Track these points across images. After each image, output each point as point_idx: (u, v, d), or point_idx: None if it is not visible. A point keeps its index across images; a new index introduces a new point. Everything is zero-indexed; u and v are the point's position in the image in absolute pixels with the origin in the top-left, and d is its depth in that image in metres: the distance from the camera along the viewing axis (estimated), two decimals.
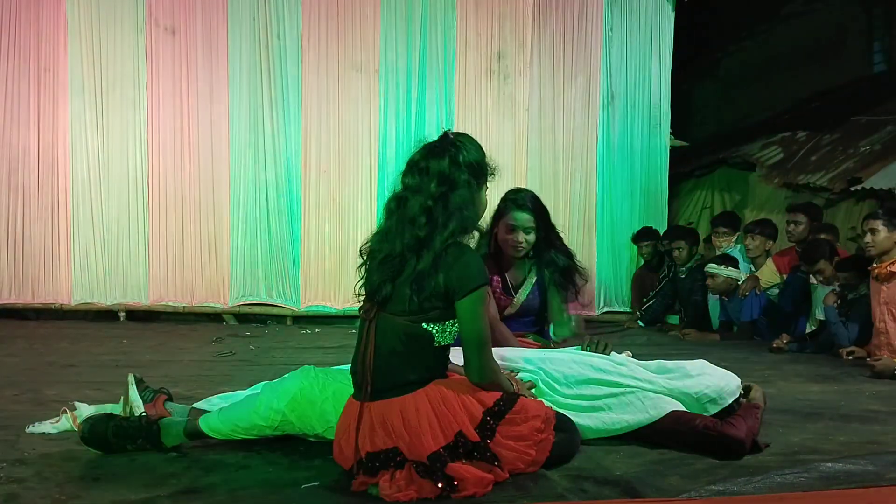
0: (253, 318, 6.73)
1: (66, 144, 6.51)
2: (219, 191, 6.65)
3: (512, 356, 2.82)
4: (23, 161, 6.47)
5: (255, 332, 6.04)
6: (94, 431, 2.43)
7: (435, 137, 2.37)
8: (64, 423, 2.73)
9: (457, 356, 2.36)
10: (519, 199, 3.37)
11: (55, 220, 6.52)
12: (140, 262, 6.57)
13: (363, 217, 6.69)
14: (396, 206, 2.28)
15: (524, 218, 3.33)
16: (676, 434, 2.54)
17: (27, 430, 2.71)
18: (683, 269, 6.14)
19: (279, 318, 6.73)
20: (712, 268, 5.65)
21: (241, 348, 5.10)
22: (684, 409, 2.64)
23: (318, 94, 6.67)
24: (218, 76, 6.59)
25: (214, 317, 6.70)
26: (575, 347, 3.07)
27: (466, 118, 6.73)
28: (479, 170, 2.33)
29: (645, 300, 6.47)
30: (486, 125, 6.76)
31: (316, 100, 6.67)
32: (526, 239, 3.34)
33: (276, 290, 6.73)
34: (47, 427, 2.73)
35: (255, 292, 6.73)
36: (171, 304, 6.62)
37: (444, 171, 2.25)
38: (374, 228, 2.41)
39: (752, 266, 5.89)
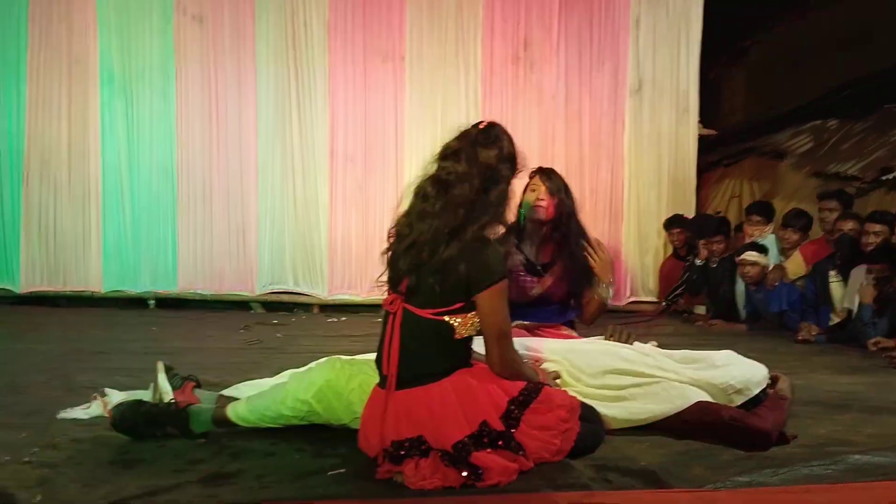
0: (280, 307, 6.79)
1: (96, 134, 6.60)
2: (247, 180, 6.70)
3: (536, 346, 2.82)
4: (55, 151, 6.58)
5: (282, 321, 6.09)
6: (125, 417, 2.47)
7: (462, 126, 2.36)
8: (95, 408, 2.77)
9: (480, 345, 2.37)
10: (545, 168, 3.39)
11: (86, 209, 6.61)
12: (169, 250, 6.66)
13: (389, 206, 6.64)
14: (436, 191, 2.26)
15: (544, 179, 3.33)
16: (702, 425, 2.52)
17: (58, 416, 2.75)
18: (716, 258, 6.08)
19: (306, 307, 6.78)
20: (752, 255, 5.58)
21: (268, 336, 5.14)
22: (710, 400, 2.62)
23: (344, 82, 6.69)
24: (245, 65, 6.64)
25: (242, 305, 6.77)
26: (598, 337, 3.06)
27: (493, 106, 6.71)
28: (515, 162, 2.33)
29: (672, 290, 6.42)
30: (512, 113, 6.73)
31: (343, 88, 6.69)
32: (545, 199, 3.30)
33: (302, 278, 6.78)
34: (78, 413, 2.77)
35: (283, 281, 6.78)
36: (199, 291, 6.70)
37: (491, 163, 2.25)
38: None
39: (781, 257, 5.83)
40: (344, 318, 6.33)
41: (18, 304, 6.52)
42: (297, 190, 6.74)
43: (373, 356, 2.44)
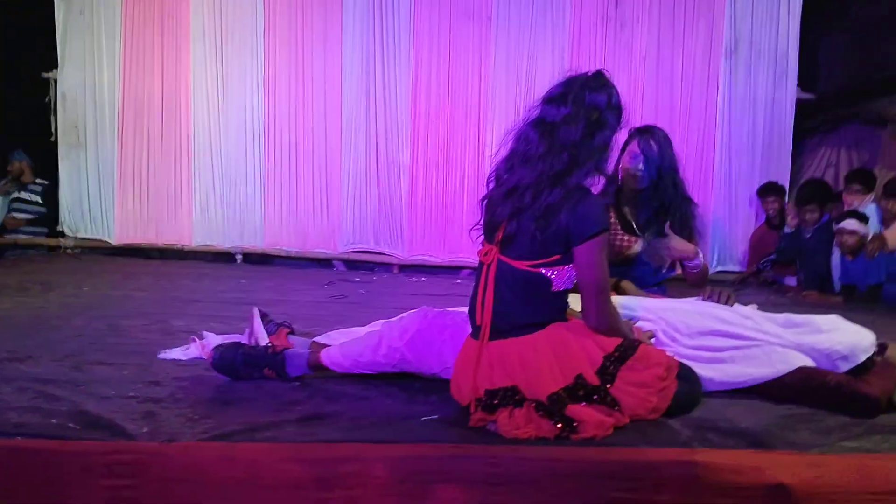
0: (361, 265, 6.86)
1: (187, 91, 6.76)
2: (332, 140, 6.77)
3: (632, 304, 2.76)
4: (148, 106, 6.78)
5: (363, 279, 6.16)
6: (224, 358, 2.53)
7: (548, 86, 2.32)
8: (193, 350, 2.86)
9: (576, 301, 2.33)
10: (646, 128, 3.23)
11: (177, 165, 6.81)
12: (256, 207, 6.80)
13: (470, 169, 6.67)
14: (539, 134, 2.22)
15: (643, 143, 3.18)
16: (805, 390, 2.42)
17: (159, 357, 2.85)
18: (809, 228, 5.85)
19: (386, 266, 6.83)
20: (851, 223, 5.35)
21: (352, 292, 5.20)
22: (814, 365, 2.52)
23: (429, 42, 6.65)
24: (332, 24, 6.67)
25: (325, 262, 6.87)
26: (696, 298, 2.97)
27: (580, 67, 6.48)
28: (621, 113, 2.27)
29: (763, 260, 6.22)
30: None
31: (427, 48, 6.66)
32: (644, 166, 3.18)
33: (383, 238, 6.83)
34: (178, 354, 2.87)
35: (364, 240, 6.85)
36: (284, 248, 6.82)
37: (599, 108, 2.20)
38: (484, 175, 2.38)
39: (881, 227, 5.57)
40: (423, 279, 6.35)
41: (113, 254, 6.78)
42: (380, 150, 6.76)
43: (464, 309, 2.44)
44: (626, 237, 3.25)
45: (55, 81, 6.89)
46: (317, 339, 2.84)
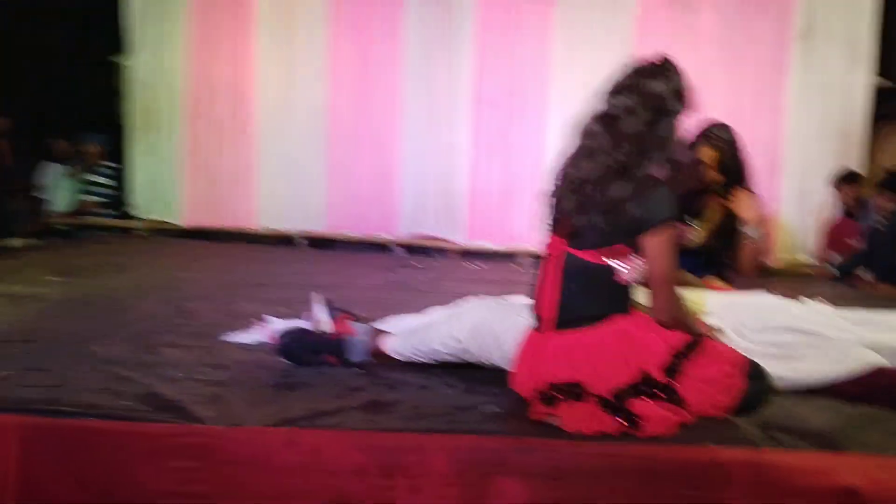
0: (420, 250, 6.88)
1: (253, 75, 6.85)
2: (393, 124, 6.77)
3: (697, 299, 2.70)
4: (215, 90, 6.88)
5: (423, 264, 6.16)
6: (287, 343, 2.58)
7: (612, 71, 2.28)
8: (258, 334, 2.91)
9: (643, 294, 2.29)
10: (715, 132, 3.20)
11: (243, 149, 6.91)
12: (319, 192, 6.86)
13: (531, 155, 6.59)
14: (602, 127, 2.19)
15: (712, 157, 3.19)
16: (879, 390, 2.35)
17: (225, 340, 2.91)
18: (882, 219, 5.65)
19: (445, 252, 6.84)
20: None
21: (411, 278, 5.22)
22: (889, 365, 2.43)
23: (492, 26, 6.58)
24: (395, 8, 6.65)
25: (384, 247, 6.92)
26: (764, 291, 2.89)
27: (646, 51, 6.32)
28: (685, 100, 2.21)
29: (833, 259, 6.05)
30: None
31: (490, 32, 6.59)
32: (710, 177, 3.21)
33: (443, 223, 6.83)
34: (242, 337, 2.92)
35: (424, 225, 6.86)
36: (346, 232, 6.89)
37: (662, 96, 2.15)
38: (546, 164, 2.36)
39: None
40: (483, 265, 6.33)
41: (181, 236, 6.95)
42: (441, 135, 6.74)
43: (524, 298, 2.42)
44: (685, 227, 3.22)
45: (125, 65, 7.06)
46: (377, 325, 2.86)
